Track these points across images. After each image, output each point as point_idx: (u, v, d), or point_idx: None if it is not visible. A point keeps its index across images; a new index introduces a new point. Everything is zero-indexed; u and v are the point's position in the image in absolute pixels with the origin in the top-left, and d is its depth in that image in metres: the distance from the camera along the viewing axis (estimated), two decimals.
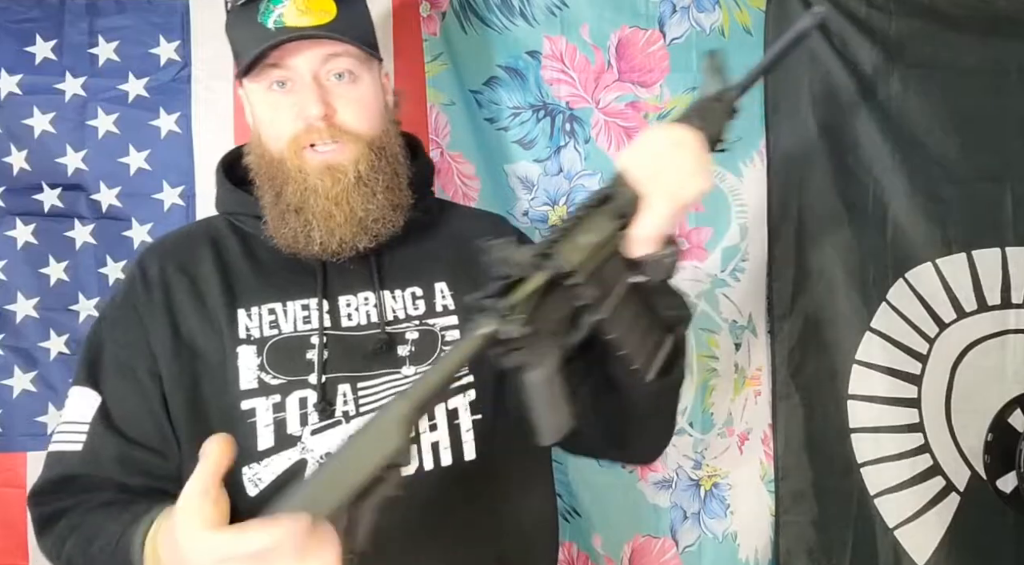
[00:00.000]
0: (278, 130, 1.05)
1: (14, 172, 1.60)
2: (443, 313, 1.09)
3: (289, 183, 1.05)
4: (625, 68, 1.73)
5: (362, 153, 1.05)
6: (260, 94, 1.06)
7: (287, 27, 1.02)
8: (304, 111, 1.03)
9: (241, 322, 1.04)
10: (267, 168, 1.07)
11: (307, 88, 1.03)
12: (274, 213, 1.06)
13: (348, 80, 1.05)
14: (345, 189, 1.04)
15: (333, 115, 1.04)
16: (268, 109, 1.06)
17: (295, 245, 1.06)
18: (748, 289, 1.78)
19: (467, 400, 1.06)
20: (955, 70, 1.76)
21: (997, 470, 1.80)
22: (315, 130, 1.03)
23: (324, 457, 1.00)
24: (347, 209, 1.04)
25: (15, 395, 1.61)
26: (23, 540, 1.60)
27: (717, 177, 1.76)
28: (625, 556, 1.77)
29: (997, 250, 1.80)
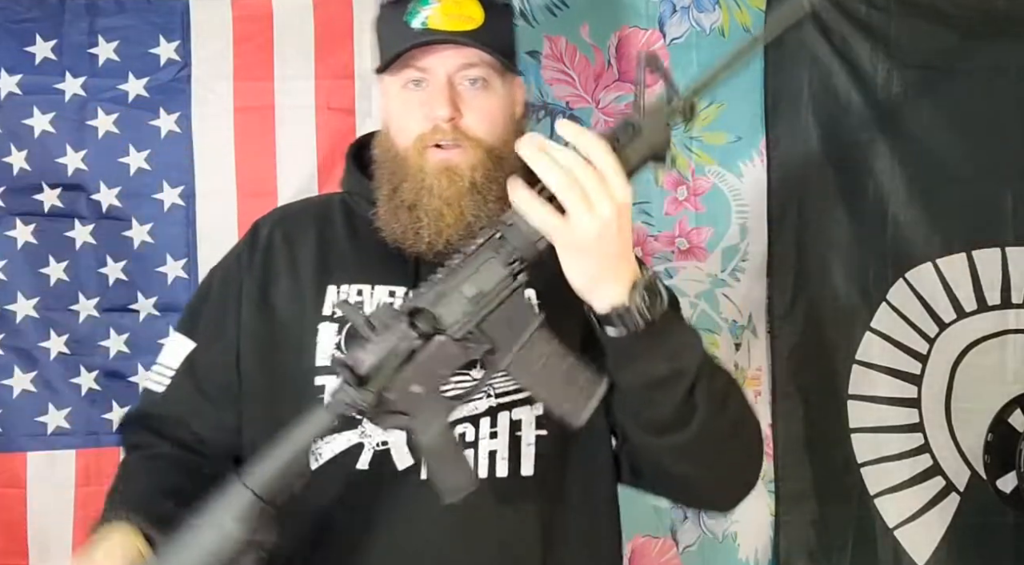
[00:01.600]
0: (406, 127, 1.06)
1: (14, 172, 1.60)
2: None
3: (408, 180, 1.06)
4: (625, 68, 1.73)
5: (480, 160, 1.05)
6: (395, 90, 1.08)
7: (431, 30, 1.03)
8: (433, 111, 1.04)
9: (329, 298, 1.07)
10: (390, 162, 1.09)
11: (439, 89, 1.04)
12: (388, 207, 1.08)
13: (480, 87, 1.06)
14: (459, 192, 1.04)
15: (460, 118, 1.04)
16: (400, 105, 1.08)
17: (403, 240, 1.07)
18: (748, 289, 1.78)
19: (534, 414, 1.04)
20: (955, 70, 1.77)
21: (997, 470, 1.80)
22: (440, 131, 1.04)
23: (380, 444, 1.01)
24: (458, 211, 1.04)
25: (15, 395, 1.61)
26: (23, 540, 1.60)
27: (717, 177, 1.76)
28: (625, 556, 1.77)
29: (997, 250, 1.80)
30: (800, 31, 1.75)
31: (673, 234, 1.76)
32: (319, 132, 1.64)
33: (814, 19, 1.75)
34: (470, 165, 1.05)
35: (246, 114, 1.64)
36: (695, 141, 1.75)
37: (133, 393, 1.61)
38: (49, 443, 1.61)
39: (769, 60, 1.75)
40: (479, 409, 1.03)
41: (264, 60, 1.65)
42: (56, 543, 1.60)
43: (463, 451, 0.87)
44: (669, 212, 1.76)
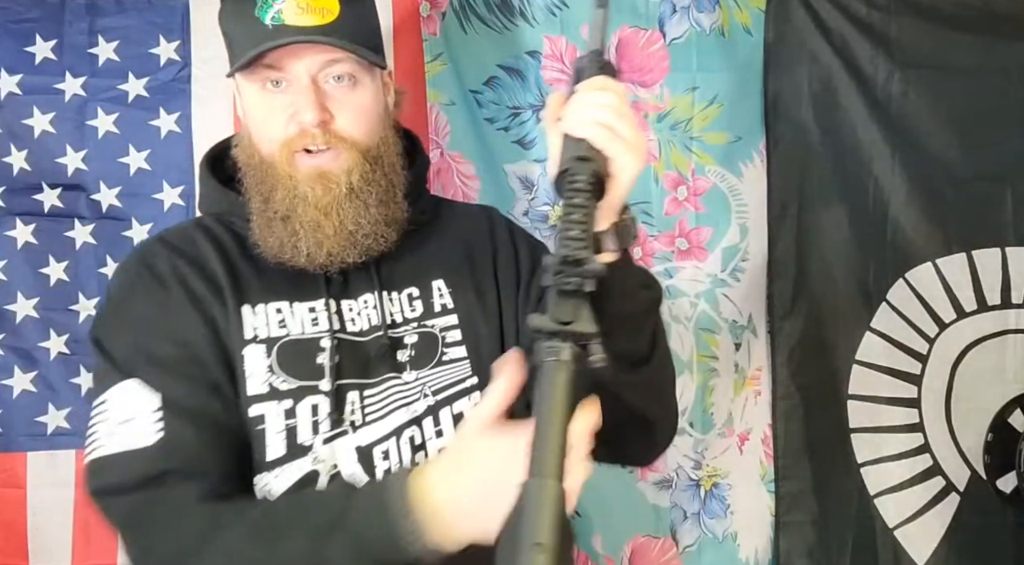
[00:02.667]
0: (270, 132, 1.00)
1: (14, 172, 1.60)
2: (442, 312, 1.06)
3: (278, 188, 0.99)
4: (625, 68, 1.73)
5: (356, 162, 1.00)
6: (253, 92, 1.01)
7: (286, 26, 0.96)
8: (299, 115, 0.97)
9: (247, 320, 0.99)
10: (256, 169, 1.02)
11: (304, 91, 0.97)
12: (261, 219, 1.01)
13: (348, 84, 1.00)
14: (336, 199, 0.99)
15: (330, 121, 0.98)
16: (261, 108, 1.01)
17: (281, 254, 1.00)
18: (748, 289, 1.78)
19: (472, 403, 1.02)
20: (955, 70, 1.77)
21: (997, 470, 1.80)
22: (309, 135, 0.98)
23: (333, 467, 0.96)
24: (336, 221, 0.99)
25: (15, 395, 1.61)
26: (23, 540, 1.60)
27: (717, 177, 1.76)
28: (625, 556, 1.77)
29: (997, 250, 1.80)
30: (800, 31, 1.75)
31: (673, 234, 1.76)
32: None
33: (814, 19, 1.75)
34: (345, 169, 0.99)
35: None
36: (695, 141, 1.75)
37: None
38: (49, 443, 1.61)
39: (769, 60, 1.75)
40: (419, 411, 1.00)
41: None
42: (56, 543, 1.60)
43: None
44: (669, 212, 1.76)
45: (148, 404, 0.92)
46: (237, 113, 1.11)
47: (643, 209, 1.75)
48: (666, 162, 1.75)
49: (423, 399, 1.01)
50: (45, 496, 1.60)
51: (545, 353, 0.71)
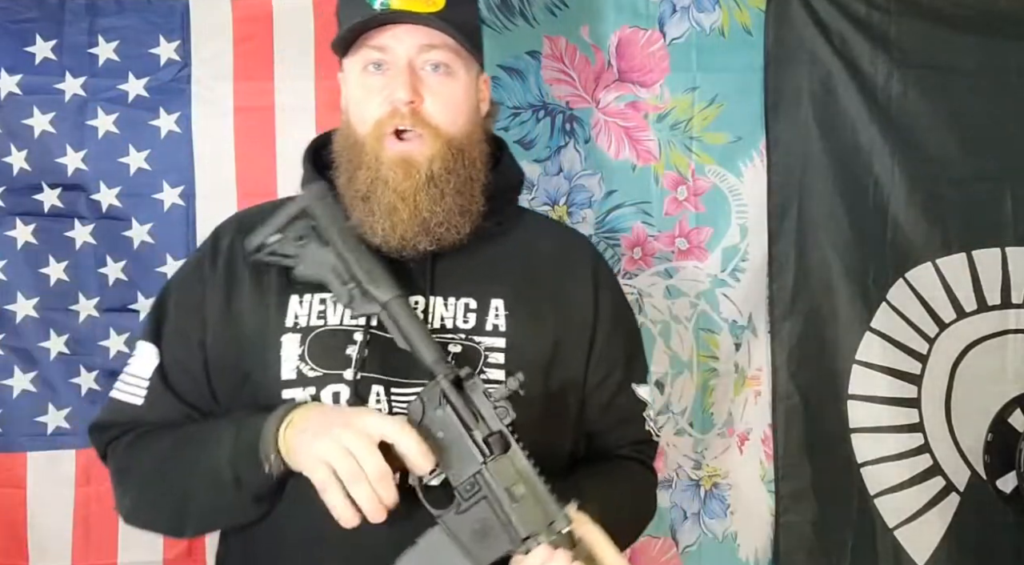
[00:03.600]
0: (365, 112, 1.04)
1: (14, 172, 1.60)
2: (492, 333, 1.05)
3: (362, 168, 1.03)
4: (625, 68, 1.73)
5: (439, 151, 1.02)
6: (355, 74, 1.05)
7: (392, 9, 1.01)
8: (392, 94, 1.01)
9: (291, 309, 1.04)
10: (348, 150, 1.06)
11: (400, 72, 1.01)
12: (345, 197, 1.05)
13: (443, 73, 1.03)
14: (414, 185, 1.02)
15: (420, 103, 1.02)
16: (360, 89, 1.05)
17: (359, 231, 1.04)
18: (748, 289, 1.78)
19: None
20: (955, 70, 1.77)
21: (997, 470, 1.80)
22: (399, 115, 1.01)
23: None
24: (412, 206, 1.02)
25: (15, 395, 1.61)
26: (23, 540, 1.60)
27: (717, 177, 1.76)
28: (625, 556, 1.77)
29: (997, 250, 1.80)
30: (800, 31, 1.75)
31: (673, 234, 1.76)
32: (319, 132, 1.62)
33: (814, 19, 1.75)
34: (427, 157, 1.02)
35: (246, 114, 1.64)
36: (695, 141, 1.75)
37: None
38: (49, 443, 1.61)
39: (769, 60, 1.75)
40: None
41: (264, 60, 1.65)
42: (56, 543, 1.60)
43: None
44: (669, 212, 1.76)
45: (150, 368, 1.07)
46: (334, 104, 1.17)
47: (643, 209, 1.75)
48: (666, 162, 1.75)
49: None
50: (45, 496, 1.60)
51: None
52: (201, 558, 1.62)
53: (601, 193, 1.74)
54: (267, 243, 1.03)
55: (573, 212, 1.74)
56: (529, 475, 0.89)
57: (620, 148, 1.74)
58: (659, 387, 1.77)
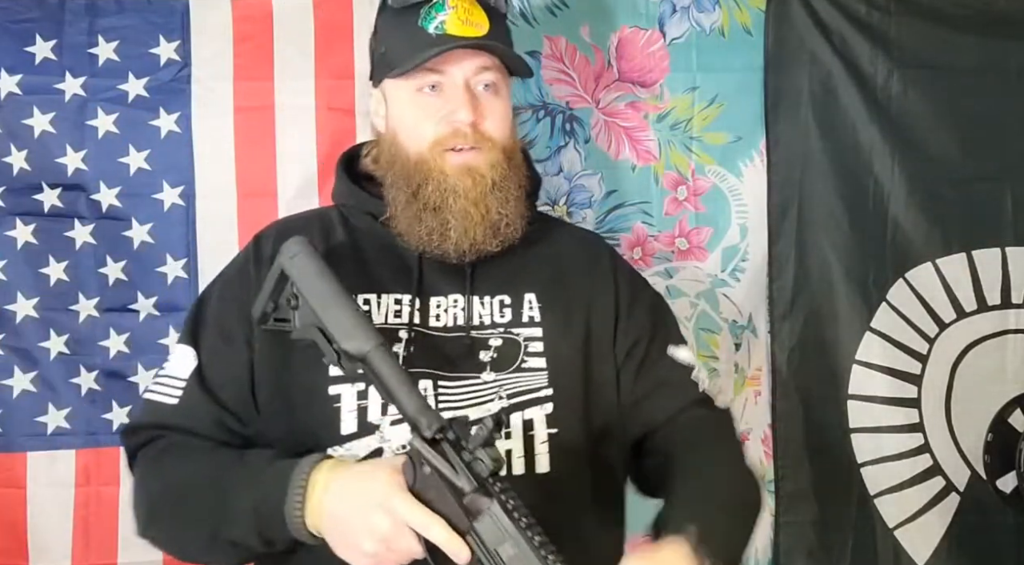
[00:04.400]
0: (422, 131, 1.09)
1: (14, 172, 1.60)
2: (528, 324, 1.12)
3: (429, 183, 1.08)
4: (625, 68, 1.73)
5: (498, 160, 1.10)
6: (407, 95, 1.11)
7: (448, 35, 1.07)
8: (453, 115, 1.08)
9: None
10: (402, 168, 1.11)
11: (459, 93, 1.08)
12: (408, 213, 1.10)
13: (492, 91, 1.11)
14: (484, 191, 1.08)
15: (480, 122, 1.09)
16: (414, 110, 1.10)
17: (429, 243, 1.10)
18: (748, 289, 1.78)
19: (543, 412, 1.08)
20: (955, 70, 1.77)
21: (997, 470, 1.80)
22: (461, 134, 1.08)
23: (400, 448, 1.03)
24: (483, 210, 1.08)
25: (15, 395, 1.61)
26: (23, 540, 1.60)
27: (717, 177, 1.77)
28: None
29: (997, 250, 1.80)
30: (800, 31, 1.75)
31: (673, 234, 1.76)
32: (319, 132, 1.64)
33: (814, 19, 1.75)
34: (489, 165, 1.09)
35: (246, 114, 1.64)
36: (695, 141, 1.75)
37: (133, 393, 1.61)
38: (49, 443, 1.61)
39: (769, 60, 1.75)
40: (492, 411, 1.05)
41: (264, 60, 1.64)
42: (56, 543, 1.60)
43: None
44: (669, 212, 1.76)
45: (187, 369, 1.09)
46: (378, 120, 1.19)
47: (643, 209, 1.75)
48: (666, 162, 1.75)
49: (497, 400, 1.07)
50: (45, 496, 1.60)
51: None
52: None
53: (601, 193, 1.74)
54: (267, 312, 1.05)
55: (573, 212, 1.74)
56: (514, 532, 0.86)
57: (620, 148, 1.74)
58: None
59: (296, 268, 1.03)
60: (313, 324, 1.01)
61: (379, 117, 1.18)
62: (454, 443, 0.90)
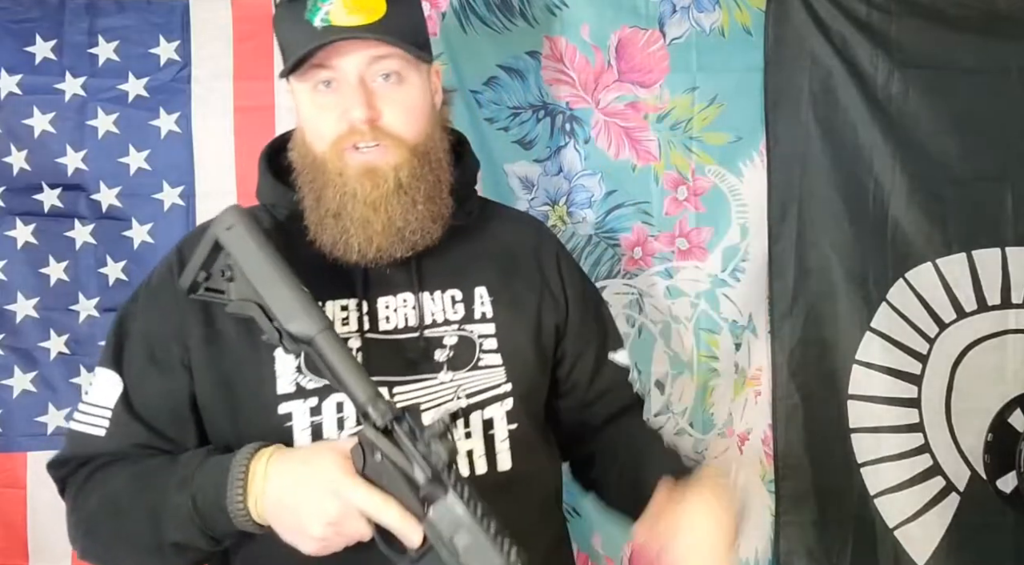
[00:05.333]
0: (321, 130, 1.02)
1: (14, 172, 1.60)
2: (481, 320, 1.08)
3: (328, 187, 1.02)
4: (625, 68, 1.73)
5: (404, 159, 1.02)
6: (305, 94, 1.04)
7: (334, 26, 0.99)
8: (348, 113, 1.00)
9: None
10: (309, 169, 1.05)
11: (352, 90, 1.00)
12: (314, 217, 1.04)
13: (395, 81, 1.02)
14: (384, 195, 1.01)
15: (378, 118, 1.01)
16: (312, 109, 1.03)
17: (334, 251, 1.03)
18: (748, 289, 1.78)
19: (504, 409, 1.05)
20: (955, 70, 1.76)
21: (997, 470, 1.80)
22: (358, 132, 1.00)
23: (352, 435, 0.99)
24: (385, 217, 1.01)
25: (15, 395, 1.61)
26: (23, 540, 1.60)
27: (717, 177, 1.76)
28: (625, 556, 1.77)
29: (997, 250, 1.80)
30: (800, 31, 1.75)
31: (673, 234, 1.76)
32: None
33: (814, 19, 1.75)
34: (393, 165, 1.01)
35: (246, 114, 1.65)
36: (695, 141, 1.75)
37: None
38: (49, 443, 1.61)
39: (769, 60, 1.75)
40: (451, 411, 1.03)
41: (264, 60, 1.65)
42: (56, 543, 1.60)
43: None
44: (669, 212, 1.76)
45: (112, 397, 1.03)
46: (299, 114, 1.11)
47: (643, 209, 1.75)
48: (666, 162, 1.75)
49: (455, 400, 1.04)
50: (45, 496, 1.60)
51: None
52: None
53: (601, 193, 1.74)
54: (198, 281, 0.99)
55: (573, 212, 1.74)
56: (469, 522, 0.86)
57: (620, 148, 1.74)
58: (659, 387, 1.77)
59: (232, 240, 0.97)
60: (251, 299, 0.96)
61: (294, 113, 1.10)
62: (408, 433, 0.88)
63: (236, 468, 0.91)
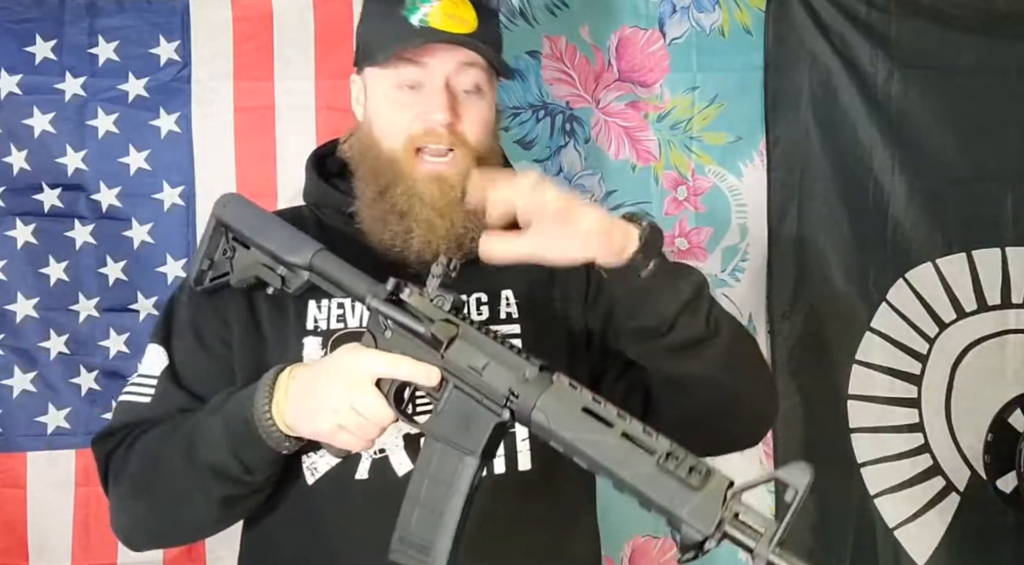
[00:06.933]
0: (396, 125, 1.04)
1: (14, 172, 1.60)
2: (506, 320, 1.08)
3: (398, 184, 1.04)
4: (625, 68, 1.73)
5: (469, 168, 1.03)
6: (386, 88, 1.05)
7: (432, 28, 1.01)
8: (429, 113, 1.02)
9: (310, 313, 1.05)
10: (373, 163, 1.06)
11: (438, 93, 1.02)
12: (374, 211, 1.06)
13: (476, 94, 1.05)
14: (451, 202, 1.03)
15: (457, 124, 1.03)
16: (391, 104, 1.05)
17: (390, 246, 1.05)
18: (748, 289, 1.78)
19: None
20: (955, 70, 1.77)
21: (997, 470, 1.80)
22: (435, 134, 1.02)
23: (379, 451, 1.00)
24: (448, 223, 1.03)
25: (15, 395, 1.61)
26: (23, 540, 1.60)
27: (717, 177, 1.77)
28: (625, 556, 1.77)
29: (997, 250, 1.80)
30: (800, 31, 1.75)
31: (673, 234, 1.76)
32: (319, 132, 1.64)
33: (814, 19, 1.75)
34: (460, 174, 1.03)
35: (246, 114, 1.64)
36: (695, 141, 1.75)
37: None
38: (49, 443, 1.61)
39: (769, 60, 1.75)
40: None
41: (264, 60, 1.65)
42: (56, 543, 1.60)
43: None
44: (669, 212, 1.76)
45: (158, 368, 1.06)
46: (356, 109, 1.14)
47: (643, 209, 1.75)
48: (666, 162, 1.75)
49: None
50: (45, 496, 1.60)
51: None
52: (201, 558, 1.62)
53: (601, 193, 1.74)
54: (204, 271, 1.04)
55: None
56: (484, 343, 0.88)
57: (620, 148, 1.74)
58: None
59: (230, 212, 1.03)
60: (253, 261, 1.01)
61: (359, 105, 1.12)
62: (413, 295, 0.91)
63: (263, 381, 0.94)
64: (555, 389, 0.85)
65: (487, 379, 0.86)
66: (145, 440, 1.02)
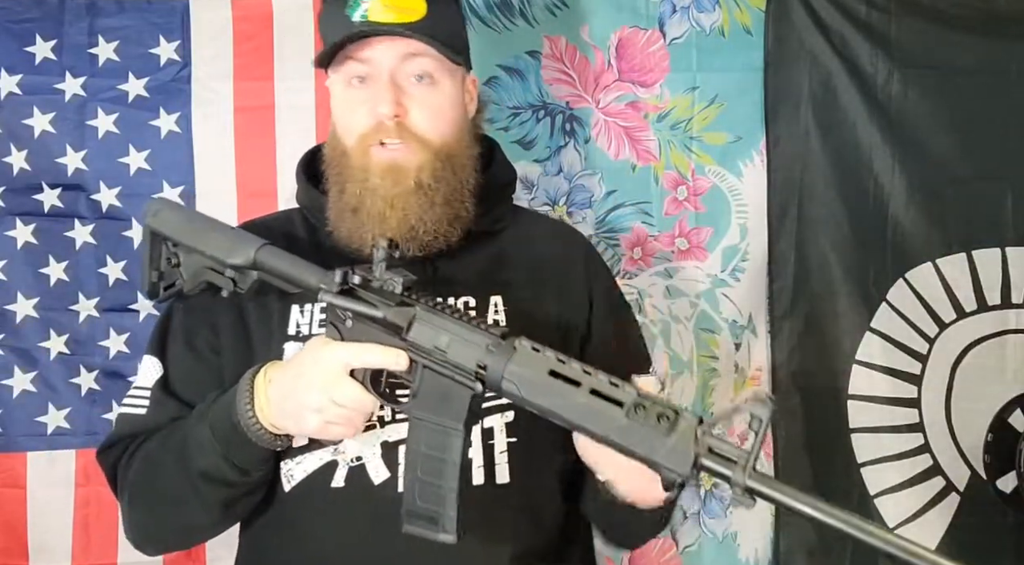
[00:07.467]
0: (350, 125, 1.05)
1: (14, 172, 1.60)
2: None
3: (351, 181, 1.04)
4: (625, 68, 1.73)
5: (427, 160, 1.03)
6: (339, 88, 1.06)
7: (370, 22, 1.01)
8: (375, 108, 1.02)
9: (293, 318, 1.05)
10: (336, 162, 1.07)
11: (382, 86, 1.02)
12: (335, 210, 1.06)
13: (427, 83, 1.04)
14: (403, 193, 1.02)
15: (404, 116, 1.02)
16: (344, 103, 1.06)
17: (350, 245, 1.05)
18: (748, 289, 1.78)
19: (504, 421, 1.03)
20: (955, 70, 1.76)
21: (997, 470, 1.80)
22: (384, 128, 1.02)
23: (355, 459, 1.00)
24: (401, 214, 1.02)
25: (15, 395, 1.61)
26: (23, 540, 1.60)
27: (717, 177, 1.76)
28: (625, 556, 1.77)
29: (997, 250, 1.80)
30: (800, 31, 1.75)
31: (673, 234, 1.76)
32: (319, 132, 1.64)
33: (814, 19, 1.75)
34: (416, 165, 1.02)
35: (246, 114, 1.65)
36: (695, 141, 1.75)
37: None
38: (49, 443, 1.61)
39: (769, 60, 1.75)
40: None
41: (264, 60, 1.65)
42: (56, 543, 1.60)
43: None
44: (669, 212, 1.76)
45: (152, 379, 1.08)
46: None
47: (643, 209, 1.75)
48: (666, 162, 1.75)
49: None
50: (45, 496, 1.60)
51: None
52: (201, 558, 1.62)
53: (601, 193, 1.74)
54: (155, 283, 1.05)
55: (573, 212, 1.74)
56: (443, 321, 0.89)
57: (620, 148, 1.74)
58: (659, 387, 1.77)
59: (162, 221, 1.03)
60: (200, 266, 1.01)
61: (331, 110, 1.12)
62: (362, 284, 0.91)
63: (242, 386, 0.95)
64: (519, 356, 0.86)
65: (453, 357, 0.88)
66: (142, 450, 1.04)
